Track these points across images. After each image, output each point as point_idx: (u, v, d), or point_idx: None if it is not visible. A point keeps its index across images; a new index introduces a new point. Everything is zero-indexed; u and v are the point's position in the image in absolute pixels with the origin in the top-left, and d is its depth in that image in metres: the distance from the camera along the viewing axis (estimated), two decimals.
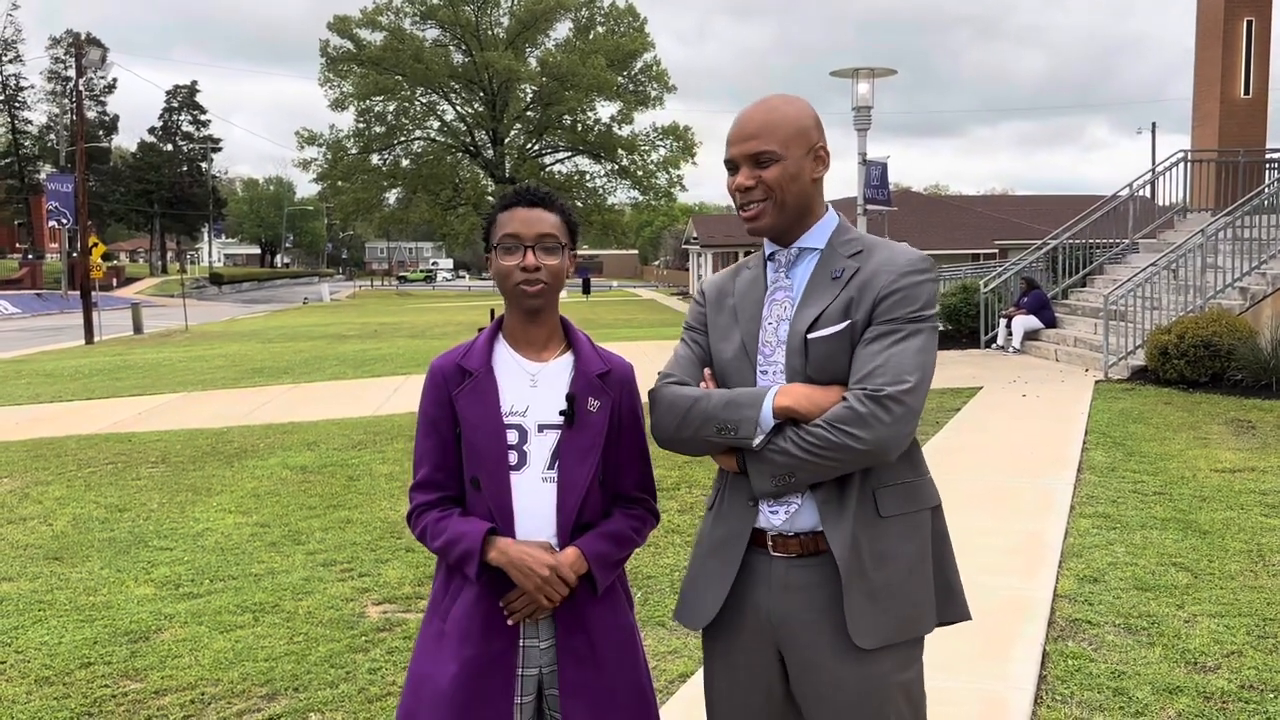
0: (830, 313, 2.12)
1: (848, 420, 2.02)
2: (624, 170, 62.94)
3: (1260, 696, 4.07)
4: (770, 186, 2.15)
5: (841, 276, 2.15)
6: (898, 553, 2.14)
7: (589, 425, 2.19)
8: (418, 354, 18.88)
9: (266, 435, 10.69)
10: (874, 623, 2.09)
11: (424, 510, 2.24)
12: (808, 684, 2.14)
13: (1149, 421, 10.06)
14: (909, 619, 2.14)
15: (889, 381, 2.03)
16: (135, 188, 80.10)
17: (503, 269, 2.18)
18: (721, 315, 2.30)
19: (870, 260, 2.16)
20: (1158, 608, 5.05)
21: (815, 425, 2.04)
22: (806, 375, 2.12)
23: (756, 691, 2.20)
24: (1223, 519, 6.55)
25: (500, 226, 2.19)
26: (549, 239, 2.17)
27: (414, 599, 5.47)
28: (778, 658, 2.18)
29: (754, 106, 2.21)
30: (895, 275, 2.11)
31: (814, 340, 2.11)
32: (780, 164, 2.15)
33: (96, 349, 24.97)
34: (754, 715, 2.21)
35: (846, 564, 2.09)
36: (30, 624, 5.24)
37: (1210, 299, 13.83)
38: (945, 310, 17.93)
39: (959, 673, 4.31)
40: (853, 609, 2.08)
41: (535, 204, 2.19)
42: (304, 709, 4.18)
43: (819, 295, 2.16)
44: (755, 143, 2.15)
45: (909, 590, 2.14)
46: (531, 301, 2.18)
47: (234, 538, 6.76)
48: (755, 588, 2.18)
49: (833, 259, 2.19)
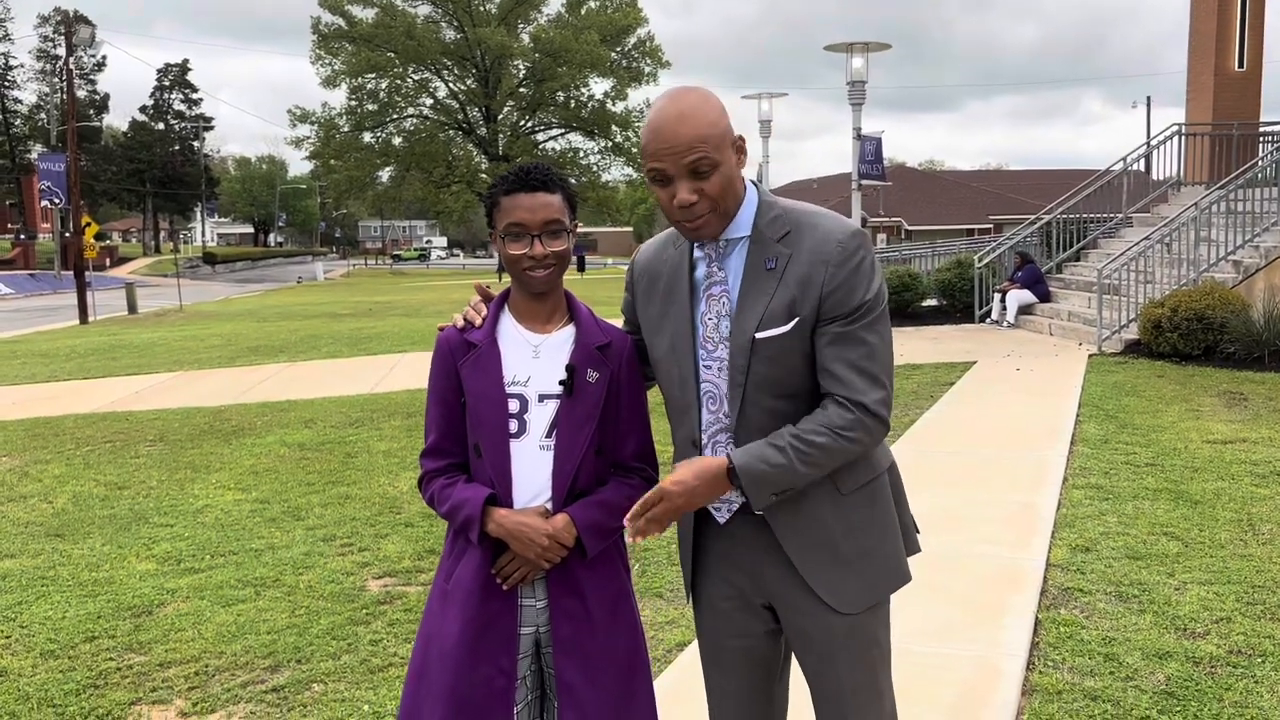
0: (774, 312, 2.12)
1: (853, 427, 2.09)
2: (618, 147, 62.72)
3: (1248, 661, 4.14)
4: (714, 198, 2.10)
5: (776, 267, 2.13)
6: (865, 520, 2.23)
7: (587, 396, 2.23)
8: (413, 332, 18.89)
9: (264, 413, 10.72)
10: (856, 587, 2.21)
11: (432, 477, 2.30)
12: (795, 633, 2.27)
13: (1142, 394, 10.12)
14: (888, 577, 2.26)
15: (870, 386, 2.10)
16: (127, 167, 79.71)
17: (511, 257, 2.21)
18: (651, 305, 2.30)
19: (801, 246, 2.13)
20: (1148, 576, 5.12)
21: (815, 434, 2.08)
22: (751, 373, 2.15)
23: (741, 635, 2.32)
24: (1214, 489, 6.62)
25: (505, 213, 2.21)
26: (554, 224, 2.20)
27: (414, 573, 5.52)
28: (761, 605, 2.29)
29: (673, 111, 2.08)
30: (833, 268, 2.09)
31: (761, 341, 2.13)
32: (719, 170, 2.08)
33: (91, 329, 24.95)
34: (740, 653, 2.33)
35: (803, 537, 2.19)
36: (34, 599, 5.29)
37: (1203, 272, 13.89)
38: (940, 285, 17.97)
39: (952, 640, 4.38)
40: (830, 580, 2.19)
41: (538, 188, 2.20)
42: (307, 680, 4.24)
43: (758, 291, 2.15)
44: (693, 153, 2.05)
45: (884, 552, 2.25)
46: (540, 286, 2.23)
47: (234, 514, 6.81)
48: (723, 557, 2.30)
49: (763, 246, 2.16)
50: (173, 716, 3.98)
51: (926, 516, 6.10)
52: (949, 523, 6.05)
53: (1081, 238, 17.91)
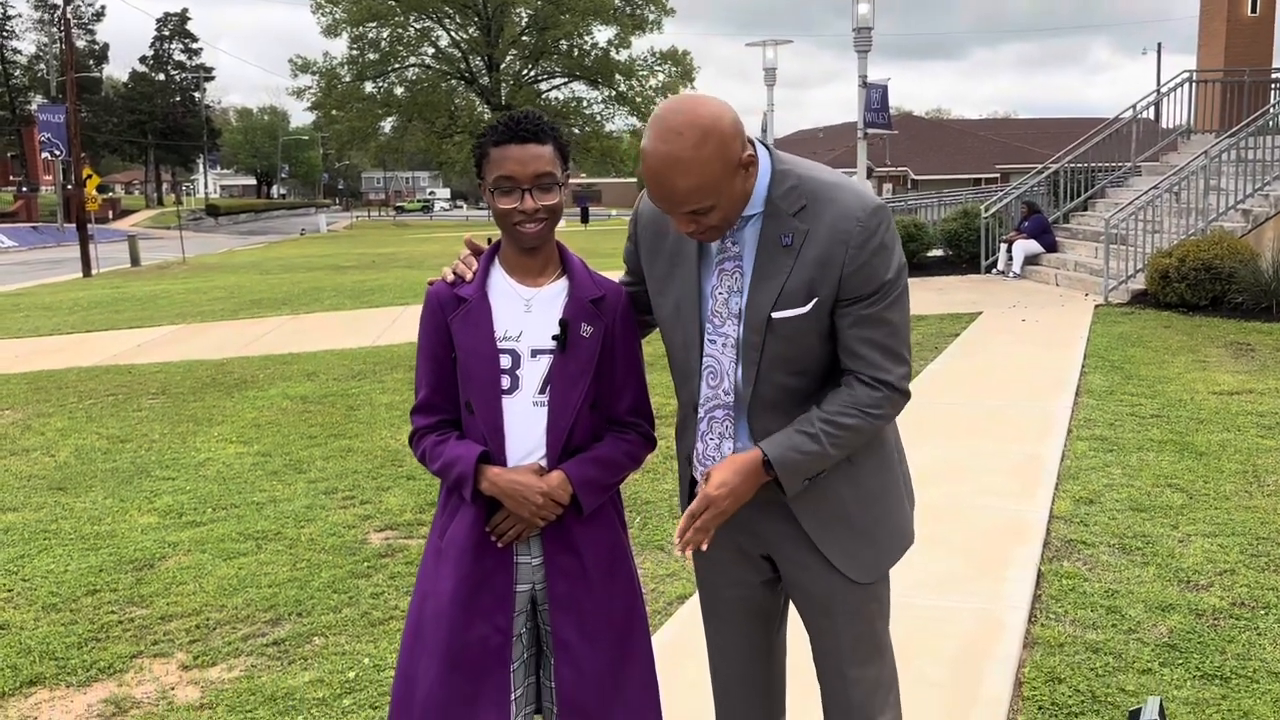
0: (792, 292, 2.05)
1: (879, 404, 2.08)
2: (621, 96, 62.11)
3: (1251, 613, 4.12)
4: (715, 226, 2.03)
5: (793, 244, 2.05)
6: (878, 489, 2.22)
7: (581, 350, 2.18)
8: (416, 284, 18.82)
9: (266, 366, 10.70)
10: (871, 556, 2.21)
11: (423, 433, 2.25)
12: (795, 588, 2.26)
13: (1148, 345, 10.06)
14: (900, 541, 2.27)
15: (895, 363, 2.09)
16: (128, 118, 79.17)
17: (501, 211, 2.14)
18: (658, 263, 2.22)
19: (820, 221, 2.03)
20: (1152, 528, 5.09)
21: (845, 415, 2.05)
22: (766, 351, 2.09)
23: (739, 585, 2.31)
24: (1219, 440, 6.59)
25: (494, 165, 2.13)
26: (546, 178, 2.13)
27: (415, 525, 5.52)
28: (759, 555, 2.28)
29: (667, 159, 1.93)
30: (854, 249, 2.01)
31: (778, 321, 2.07)
32: (719, 207, 1.99)
33: (94, 281, 24.91)
34: (738, 603, 2.32)
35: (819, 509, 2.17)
36: (36, 553, 5.30)
37: (1212, 222, 13.75)
38: (946, 235, 17.83)
39: (955, 593, 4.37)
40: (847, 551, 2.18)
41: (528, 139, 2.12)
42: (308, 633, 4.24)
43: (773, 268, 2.07)
44: (690, 204, 1.97)
45: (895, 519, 2.25)
46: (531, 241, 2.17)
47: (235, 467, 6.80)
48: None
49: (778, 221, 2.06)
50: (174, 669, 3.99)
51: (930, 468, 6.08)
52: (953, 474, 6.02)
53: (1089, 187, 17.73)
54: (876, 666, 2.26)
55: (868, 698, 2.24)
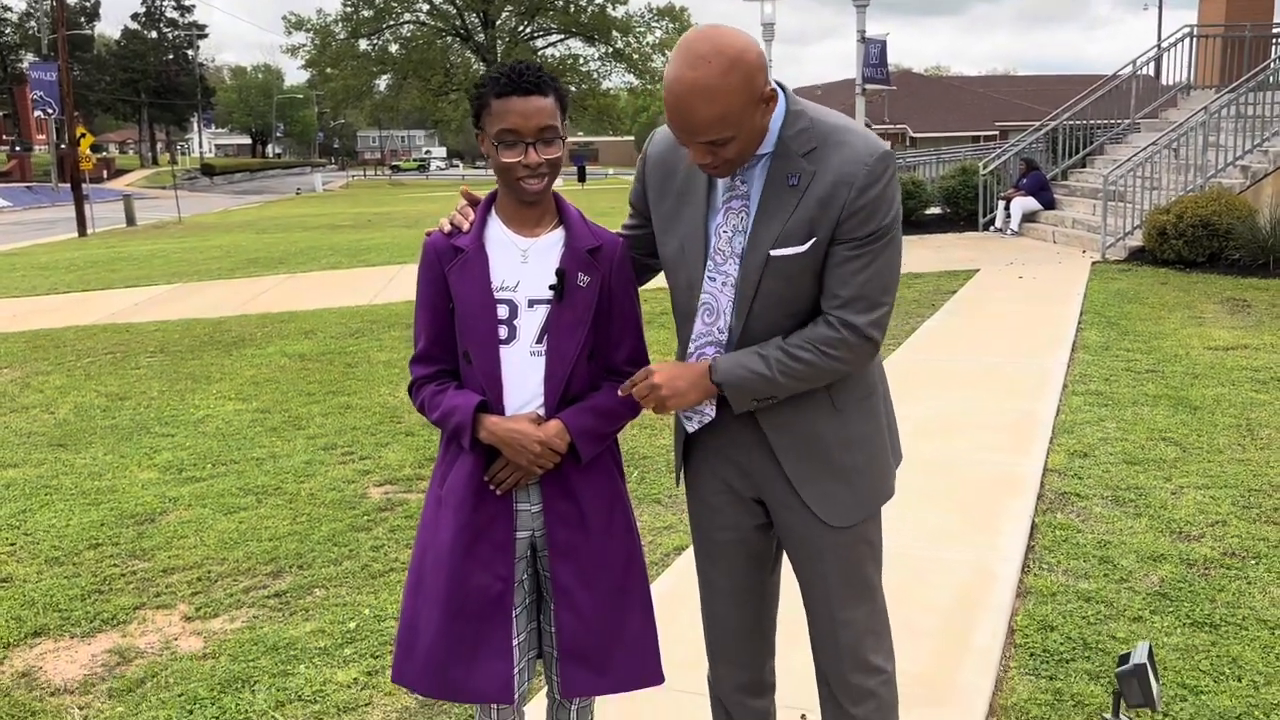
0: (792, 230, 2.07)
1: (836, 345, 2.08)
2: (619, 54, 61.50)
3: (1242, 563, 4.17)
4: (732, 159, 2.03)
5: (799, 184, 2.07)
6: (860, 436, 2.23)
7: (578, 300, 2.19)
8: (413, 243, 18.76)
9: (264, 324, 10.71)
10: (847, 502, 2.22)
11: (422, 383, 2.27)
12: (784, 530, 2.28)
13: (1144, 301, 10.07)
14: (878, 492, 2.27)
15: (867, 309, 2.08)
16: (121, 76, 78.48)
17: (503, 165, 2.13)
18: (665, 202, 2.24)
19: (827, 164, 2.05)
20: (1146, 480, 5.14)
21: (800, 349, 2.08)
22: (761, 289, 2.11)
23: (732, 528, 2.33)
24: (1214, 395, 6.62)
25: (496, 117, 2.11)
26: (549, 131, 2.12)
27: (414, 480, 5.55)
28: (752, 499, 2.30)
29: (692, 86, 1.92)
30: (856, 191, 2.03)
31: (776, 259, 2.09)
32: (738, 138, 1.99)
33: (90, 241, 24.82)
34: (731, 546, 2.34)
35: (799, 450, 2.19)
36: (37, 507, 5.33)
37: (1211, 178, 13.70)
38: (943, 193, 17.76)
39: (949, 544, 4.42)
40: (823, 494, 2.20)
41: (531, 91, 2.10)
42: (309, 585, 4.29)
43: (778, 207, 2.08)
44: (711, 133, 1.97)
45: (875, 468, 2.26)
46: (533, 196, 2.17)
47: (234, 423, 6.83)
48: (714, 452, 2.30)
49: (787, 161, 2.07)
50: (176, 620, 4.04)
51: (926, 423, 6.12)
52: (948, 429, 6.06)
53: (1088, 144, 17.62)
54: (866, 609, 2.28)
55: (858, 640, 2.26)
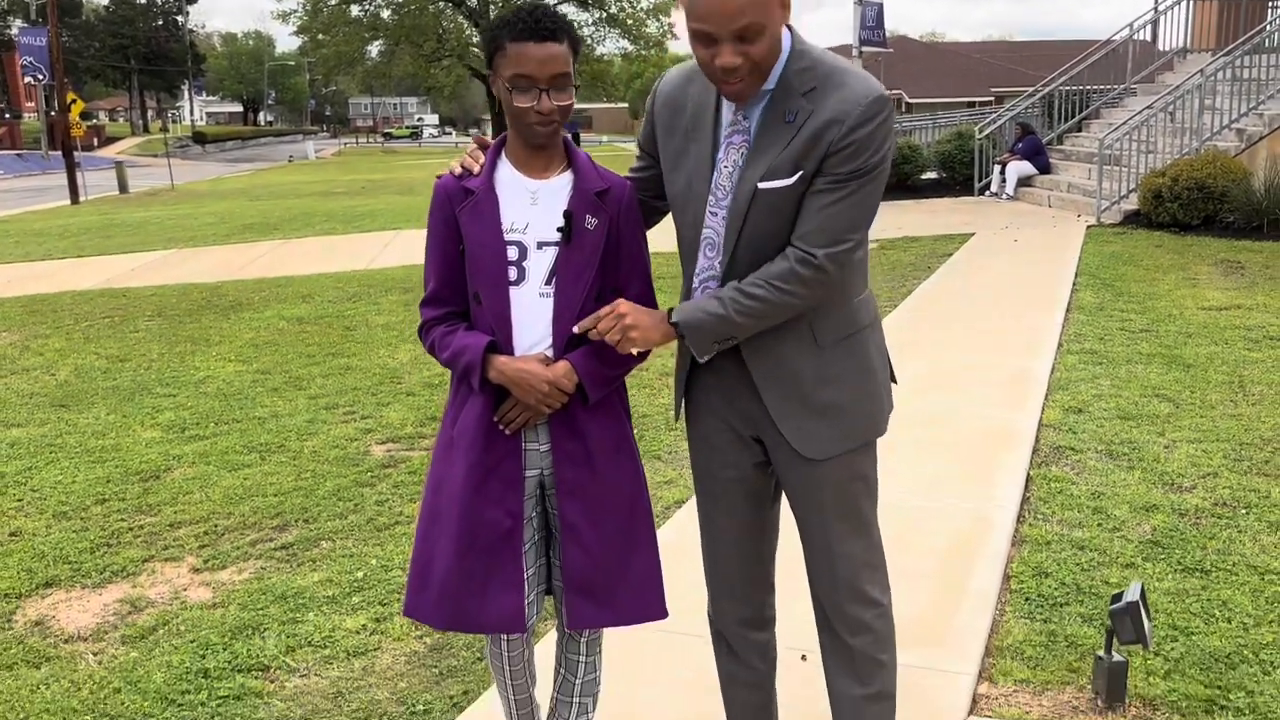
0: (781, 164, 2.11)
1: (788, 279, 2.11)
2: (612, 18, 61.01)
3: (1232, 513, 4.25)
4: (757, 61, 2.05)
5: (795, 120, 2.11)
6: (840, 372, 2.25)
7: (586, 242, 2.23)
8: (408, 210, 18.73)
9: (260, 289, 10.72)
10: (825, 436, 2.25)
11: (432, 325, 2.31)
12: (779, 466, 2.33)
13: (1139, 263, 10.12)
14: (860, 428, 2.28)
15: (827, 243, 2.10)
16: (110, 43, 77.80)
17: (516, 110, 2.16)
18: (673, 139, 2.28)
19: (824, 102, 2.09)
20: (1139, 435, 5.20)
21: (754, 286, 2.11)
22: (749, 222, 2.15)
23: (732, 467, 2.38)
24: (1206, 353, 6.68)
25: (511, 62, 2.13)
26: (562, 78, 2.15)
27: (416, 439, 5.60)
28: (751, 437, 2.34)
29: None
30: (847, 129, 2.06)
31: (764, 191, 2.12)
32: (765, 34, 2.02)
33: (82, 208, 24.70)
34: (731, 484, 2.39)
35: (778, 386, 2.23)
36: (43, 465, 5.38)
37: (1206, 141, 13.70)
38: (939, 157, 17.75)
39: (946, 494, 4.48)
40: (801, 428, 2.24)
41: (547, 37, 2.13)
42: (314, 538, 4.35)
43: (772, 142, 2.13)
44: (743, 19, 1.98)
45: (858, 406, 2.28)
46: (543, 139, 2.20)
47: (235, 384, 6.87)
48: (712, 390, 2.34)
49: (787, 97, 2.11)
50: (185, 572, 4.10)
51: (922, 380, 6.18)
52: (945, 386, 6.12)
53: (1084, 108, 17.61)
54: (862, 544, 2.32)
55: (854, 573, 2.31)
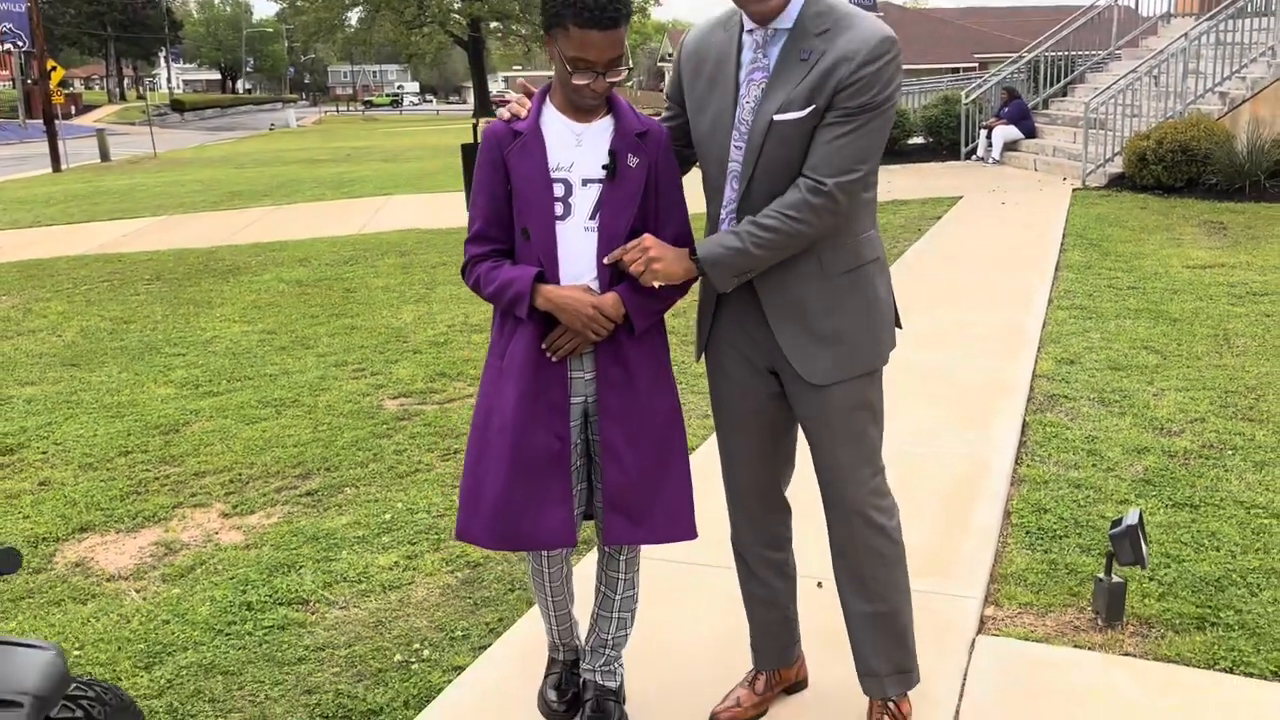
0: (795, 98, 2.26)
1: (800, 208, 2.26)
2: None
3: (1219, 454, 4.44)
4: None
5: (809, 59, 2.26)
6: (844, 303, 2.40)
7: (628, 179, 2.37)
8: (396, 176, 18.76)
9: (256, 253, 10.78)
10: (826, 363, 2.40)
11: (477, 261, 2.44)
12: (790, 393, 2.48)
13: (1125, 225, 10.31)
14: (861, 357, 2.43)
15: (836, 172, 2.24)
16: (85, 10, 76.62)
17: (574, 85, 2.29)
18: (698, 84, 2.43)
19: (836, 42, 2.24)
20: (1129, 384, 5.39)
21: (767, 217, 2.26)
22: (764, 154, 2.29)
23: (750, 397, 2.53)
24: (1192, 308, 6.88)
25: (574, 44, 2.23)
26: (619, 61, 2.29)
27: (428, 394, 5.74)
28: (766, 369, 2.49)
29: None
30: (856, 65, 2.20)
31: (778, 123, 2.27)
32: None
33: (65, 176, 24.56)
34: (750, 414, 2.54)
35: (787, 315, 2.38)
36: (63, 420, 5.49)
37: (1190, 104, 13.88)
38: (926, 122, 17.87)
39: (946, 438, 4.66)
40: (804, 354, 2.39)
41: (609, 25, 2.23)
42: (338, 485, 4.49)
43: (787, 77, 2.28)
44: None
45: (859, 335, 2.42)
46: (592, 106, 2.35)
47: (243, 343, 6.98)
48: (731, 322, 2.49)
49: (803, 38, 2.27)
50: (215, 517, 4.23)
51: (918, 336, 6.35)
52: (940, 341, 6.29)
53: (1069, 73, 17.76)
54: (869, 469, 2.47)
55: (864, 498, 2.45)
